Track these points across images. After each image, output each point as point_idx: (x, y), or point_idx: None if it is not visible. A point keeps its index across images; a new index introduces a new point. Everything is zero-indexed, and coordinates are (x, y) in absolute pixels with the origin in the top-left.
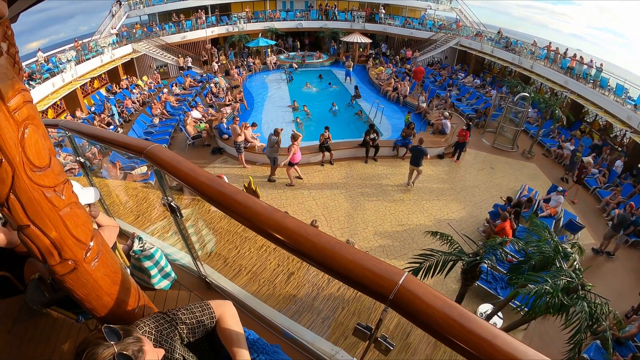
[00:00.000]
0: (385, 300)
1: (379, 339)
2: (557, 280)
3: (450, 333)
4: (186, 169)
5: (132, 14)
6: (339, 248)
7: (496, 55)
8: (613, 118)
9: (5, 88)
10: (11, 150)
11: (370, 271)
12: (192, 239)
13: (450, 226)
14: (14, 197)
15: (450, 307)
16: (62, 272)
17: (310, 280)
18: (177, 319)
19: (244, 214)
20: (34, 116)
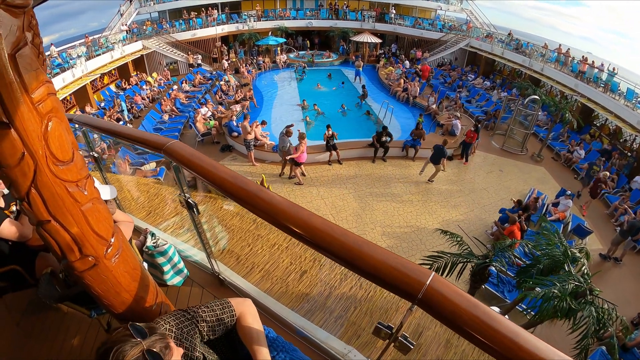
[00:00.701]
0: (413, 299)
1: (400, 337)
2: (566, 285)
3: (475, 331)
4: (208, 166)
5: (142, 10)
6: (367, 247)
7: (506, 57)
8: (623, 122)
9: (30, 79)
10: (34, 143)
11: (399, 271)
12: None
13: (460, 228)
14: (35, 192)
15: (475, 306)
16: (81, 269)
17: (322, 279)
18: (198, 316)
19: (268, 212)
20: (57, 109)
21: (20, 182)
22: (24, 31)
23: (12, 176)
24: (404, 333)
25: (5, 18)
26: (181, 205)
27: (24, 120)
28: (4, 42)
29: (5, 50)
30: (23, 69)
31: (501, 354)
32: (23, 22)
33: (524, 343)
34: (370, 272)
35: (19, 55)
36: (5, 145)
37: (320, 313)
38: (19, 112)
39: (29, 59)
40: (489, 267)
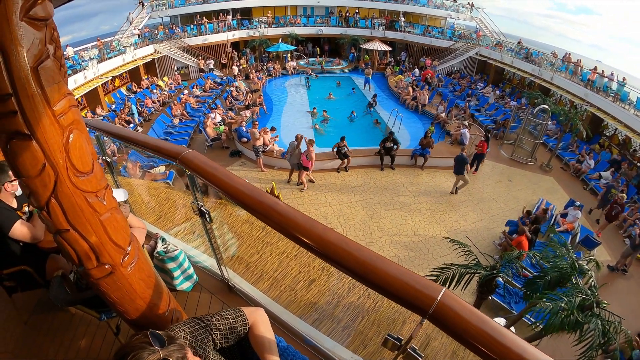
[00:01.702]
0: (425, 314)
1: (409, 349)
2: (573, 298)
3: (483, 345)
4: (223, 176)
5: (154, 15)
6: (380, 262)
7: (516, 65)
8: (633, 132)
9: (52, 92)
10: (55, 155)
11: (411, 286)
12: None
13: (468, 238)
14: (55, 202)
15: (484, 321)
16: (98, 276)
17: (330, 288)
18: (212, 324)
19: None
20: (78, 120)
21: (41, 192)
22: (46, 44)
23: (32, 186)
24: (412, 345)
25: (28, 31)
26: (193, 212)
27: (45, 132)
28: (27, 55)
29: (28, 63)
30: (45, 81)
31: None
32: (45, 35)
33: (531, 358)
34: (384, 287)
35: (42, 68)
36: (26, 156)
37: (328, 322)
38: (41, 124)
39: (51, 72)
40: (496, 278)
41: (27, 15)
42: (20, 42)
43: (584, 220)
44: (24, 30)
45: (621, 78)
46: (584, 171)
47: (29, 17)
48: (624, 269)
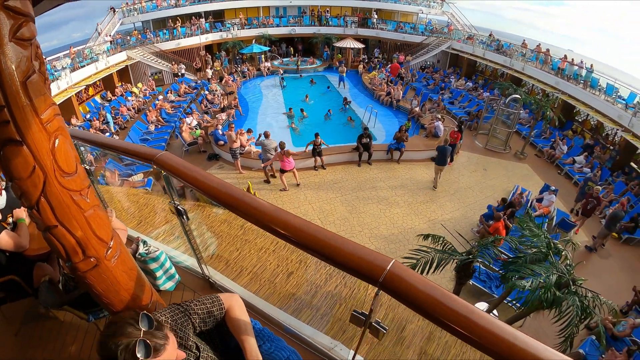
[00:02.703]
0: (375, 282)
1: (373, 323)
2: (549, 275)
3: (434, 311)
4: (196, 174)
5: (126, 21)
6: (336, 240)
7: (488, 58)
8: (604, 117)
9: (39, 103)
10: (44, 158)
11: (364, 259)
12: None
13: (443, 227)
14: (45, 200)
15: (433, 288)
16: (84, 269)
17: (308, 279)
18: (190, 309)
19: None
20: (62, 127)
21: (31, 192)
22: (32, 61)
23: (24, 187)
24: (376, 319)
25: (17, 50)
26: (171, 213)
27: (34, 139)
28: (17, 71)
29: (18, 78)
30: (33, 94)
31: (457, 330)
32: (31, 53)
33: (479, 320)
34: (339, 261)
35: (29, 82)
36: (18, 161)
37: (307, 311)
38: (31, 132)
39: (37, 85)
40: (472, 263)
41: (15, 37)
42: (10, 60)
43: (560, 204)
44: (13, 49)
45: (590, 66)
46: (558, 157)
47: (16, 38)
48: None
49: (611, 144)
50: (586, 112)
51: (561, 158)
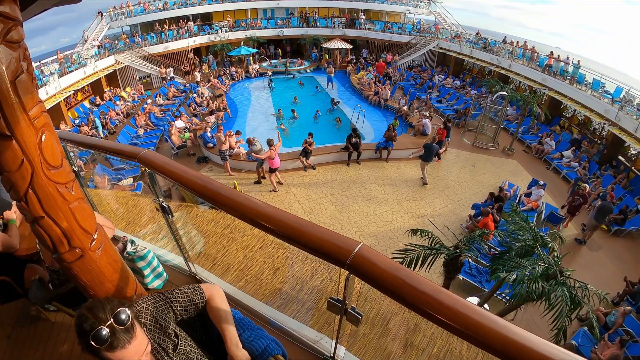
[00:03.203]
0: (343, 265)
1: (349, 310)
2: (535, 267)
3: (398, 290)
4: (178, 170)
5: (114, 25)
6: (305, 225)
7: (475, 56)
8: (591, 112)
9: (27, 100)
10: (31, 152)
11: (332, 243)
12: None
13: (430, 222)
14: (32, 192)
15: (398, 269)
16: (70, 260)
17: (294, 274)
18: (172, 297)
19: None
20: (49, 124)
21: (20, 184)
22: (20, 62)
23: (13, 179)
24: (352, 306)
25: (6, 52)
26: (157, 210)
27: (23, 133)
28: (6, 71)
29: (7, 77)
30: (21, 92)
31: (420, 309)
32: (19, 54)
33: (445, 300)
34: (308, 245)
35: (18, 81)
36: (8, 154)
37: (292, 305)
38: (19, 127)
39: (25, 84)
40: (460, 257)
41: (5, 39)
42: (0, 61)
43: (549, 198)
44: (3, 51)
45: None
46: (546, 152)
47: (6, 41)
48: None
49: (598, 138)
50: (573, 108)
51: (549, 153)
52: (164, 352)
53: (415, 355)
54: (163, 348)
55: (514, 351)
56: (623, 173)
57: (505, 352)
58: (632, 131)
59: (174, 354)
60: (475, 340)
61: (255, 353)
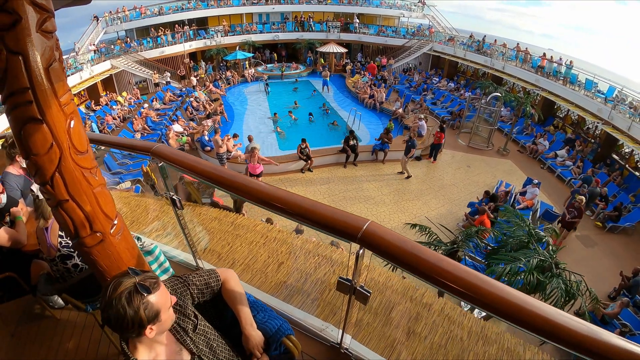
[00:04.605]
0: (354, 238)
1: (358, 288)
2: (530, 259)
3: (406, 259)
4: (191, 161)
5: (109, 29)
6: (317, 205)
7: (469, 58)
8: (584, 112)
9: (58, 87)
10: (61, 136)
11: (343, 220)
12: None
13: (428, 219)
14: (59, 176)
15: (405, 241)
16: (90, 244)
17: (298, 267)
18: (189, 280)
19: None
20: (76, 111)
21: (47, 167)
22: (54, 51)
23: (41, 162)
24: (360, 284)
25: (42, 40)
26: (162, 211)
27: (54, 118)
28: (41, 59)
29: (42, 64)
30: (54, 79)
31: (426, 274)
32: (53, 44)
33: (447, 267)
34: (322, 223)
35: (51, 69)
36: (37, 137)
37: (298, 296)
38: (51, 112)
39: (58, 72)
40: (457, 252)
41: (41, 28)
42: (36, 49)
43: (544, 196)
44: (39, 40)
45: (569, 62)
46: (540, 152)
47: (42, 30)
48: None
49: (592, 137)
50: (567, 108)
51: (544, 153)
52: (183, 332)
53: (418, 342)
54: (183, 328)
55: (507, 308)
56: (617, 171)
57: (500, 309)
58: (625, 129)
59: (194, 334)
60: (474, 299)
61: (269, 333)
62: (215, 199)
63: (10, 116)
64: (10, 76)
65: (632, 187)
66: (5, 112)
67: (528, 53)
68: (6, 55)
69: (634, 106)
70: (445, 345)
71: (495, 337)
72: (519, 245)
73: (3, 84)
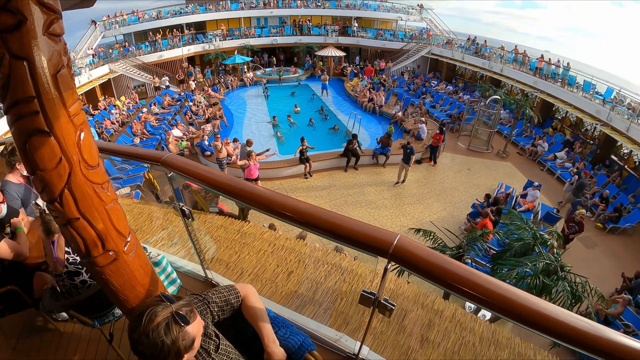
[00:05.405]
0: (386, 254)
1: (382, 301)
2: (537, 263)
3: (437, 273)
4: (204, 172)
5: (107, 34)
6: (346, 220)
7: (467, 61)
8: (583, 113)
9: (67, 96)
10: (70, 150)
11: (373, 236)
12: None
13: (432, 224)
14: (68, 192)
15: (435, 255)
16: (103, 263)
17: (308, 276)
18: (209, 298)
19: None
20: (86, 122)
21: (55, 183)
22: (62, 56)
23: (48, 178)
24: (385, 297)
25: (49, 44)
26: (166, 219)
27: (62, 130)
28: (48, 64)
29: (49, 71)
30: (62, 87)
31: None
32: (61, 48)
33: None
34: (351, 238)
35: (59, 75)
36: (45, 151)
37: (310, 306)
38: (59, 123)
39: (66, 79)
40: (462, 257)
41: (48, 31)
42: (43, 53)
43: (544, 198)
44: (46, 43)
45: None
46: (540, 154)
47: (49, 33)
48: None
49: (591, 139)
50: (565, 109)
51: (543, 155)
52: (205, 354)
53: (432, 349)
54: (205, 349)
55: (547, 323)
56: (616, 172)
57: (539, 324)
58: (623, 130)
59: (216, 355)
60: (512, 314)
61: (292, 349)
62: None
63: (13, 128)
64: (14, 83)
65: (631, 187)
66: (8, 123)
67: (526, 55)
68: (9, 60)
69: (633, 107)
70: (459, 352)
71: (506, 342)
72: (524, 248)
73: (6, 92)
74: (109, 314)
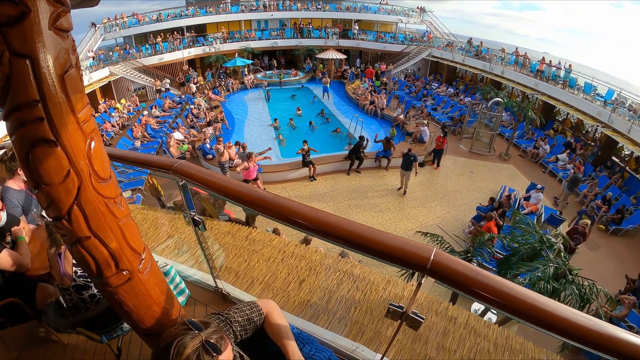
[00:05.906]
0: (424, 270)
1: (411, 314)
2: (546, 268)
3: (474, 286)
4: (219, 180)
5: (108, 36)
6: (380, 235)
7: (467, 63)
8: (584, 115)
9: (76, 100)
10: (79, 161)
11: (408, 250)
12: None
13: (440, 228)
14: (78, 209)
15: (470, 268)
16: (116, 284)
17: (320, 285)
18: (231, 317)
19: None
20: (96, 130)
21: (63, 199)
22: (70, 54)
23: (55, 194)
24: (413, 310)
25: (56, 40)
26: (176, 217)
27: (70, 139)
28: (54, 63)
29: (56, 71)
30: (70, 90)
31: (495, 301)
32: (69, 45)
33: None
34: (387, 254)
35: (67, 76)
36: (51, 163)
37: (324, 316)
38: (67, 131)
39: (75, 81)
40: (470, 261)
41: (54, 25)
42: (48, 51)
43: (547, 201)
44: (52, 39)
45: (568, 66)
46: (542, 156)
47: (56, 27)
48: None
49: (592, 140)
50: (566, 111)
51: (545, 157)
52: None
53: (448, 357)
54: None
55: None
56: (618, 173)
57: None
58: (625, 132)
59: None
60: (550, 326)
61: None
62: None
63: (14, 136)
64: (15, 85)
65: (633, 189)
66: (8, 131)
67: (527, 57)
68: (10, 58)
69: (634, 109)
70: (475, 359)
71: (520, 347)
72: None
73: (6, 95)
74: (117, 328)
